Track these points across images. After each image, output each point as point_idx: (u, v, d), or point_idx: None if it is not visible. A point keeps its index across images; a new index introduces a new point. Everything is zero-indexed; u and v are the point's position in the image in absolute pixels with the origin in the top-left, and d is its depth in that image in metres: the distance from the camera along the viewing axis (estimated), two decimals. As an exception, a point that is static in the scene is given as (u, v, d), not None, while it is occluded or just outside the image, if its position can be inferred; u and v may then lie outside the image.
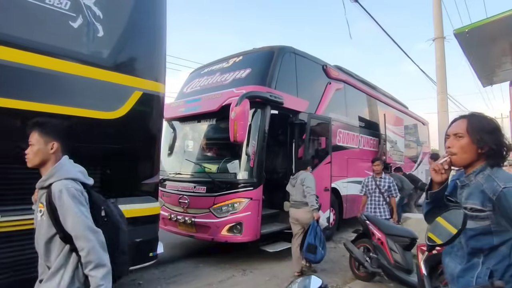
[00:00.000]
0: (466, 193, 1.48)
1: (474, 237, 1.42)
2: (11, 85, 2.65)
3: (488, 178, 1.41)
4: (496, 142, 1.43)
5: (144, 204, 3.51)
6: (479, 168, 1.45)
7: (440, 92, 11.01)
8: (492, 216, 1.37)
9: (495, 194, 1.35)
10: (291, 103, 5.65)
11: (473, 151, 1.44)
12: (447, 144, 1.51)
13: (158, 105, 3.68)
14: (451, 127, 1.53)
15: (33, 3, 2.72)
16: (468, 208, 1.43)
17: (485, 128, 1.45)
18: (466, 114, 1.54)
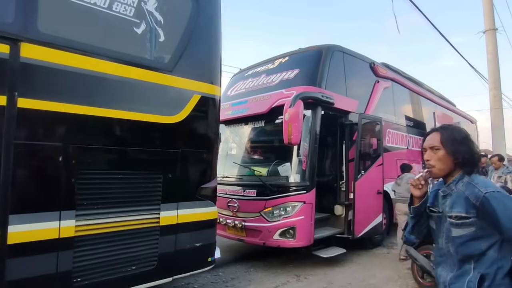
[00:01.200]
0: (450, 202, 1.52)
1: (463, 244, 1.45)
2: (84, 92, 2.70)
3: (469, 185, 1.47)
4: (468, 151, 1.51)
5: (204, 208, 3.49)
6: (458, 177, 1.52)
7: (493, 88, 10.32)
8: (477, 222, 1.41)
9: (478, 200, 1.40)
10: (341, 103, 5.47)
11: (450, 161, 1.51)
12: (425, 157, 1.57)
13: (215, 108, 3.65)
14: (426, 141, 1.60)
15: (103, 12, 2.77)
16: (453, 216, 1.48)
17: (457, 139, 1.52)
18: (437, 127, 1.63)
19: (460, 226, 1.45)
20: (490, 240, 1.41)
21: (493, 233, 1.40)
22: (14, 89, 2.29)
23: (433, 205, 1.63)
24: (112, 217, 2.79)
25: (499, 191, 1.41)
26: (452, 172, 1.53)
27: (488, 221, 1.39)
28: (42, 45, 2.44)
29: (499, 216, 1.35)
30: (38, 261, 2.45)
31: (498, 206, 1.36)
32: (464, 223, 1.44)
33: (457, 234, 1.46)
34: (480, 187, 1.43)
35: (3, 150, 2.26)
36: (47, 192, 2.51)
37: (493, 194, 1.39)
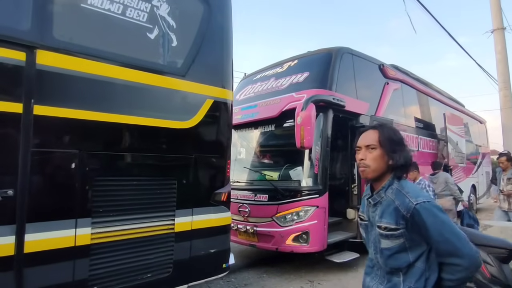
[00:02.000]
0: (379, 211, 1.45)
1: (391, 257, 1.40)
2: (99, 98, 2.69)
3: (398, 194, 1.40)
4: (403, 154, 1.44)
5: (218, 214, 3.45)
6: (387, 183, 1.45)
7: (503, 88, 10.20)
8: (406, 233, 1.36)
9: (408, 211, 1.34)
10: (352, 105, 5.41)
11: (384, 162, 1.44)
12: (359, 156, 1.48)
13: (227, 112, 3.63)
14: (361, 139, 1.50)
15: (116, 18, 2.76)
16: (382, 227, 1.41)
17: (394, 139, 1.45)
18: (376, 125, 1.54)
19: (389, 238, 1.39)
20: (418, 251, 1.37)
21: (420, 244, 1.36)
22: (30, 96, 2.28)
23: (363, 212, 1.58)
24: (127, 224, 2.76)
25: (429, 201, 1.35)
26: (383, 176, 1.46)
27: (418, 233, 1.34)
28: (57, 52, 2.43)
29: (428, 228, 1.31)
30: (55, 269, 2.42)
31: (428, 217, 1.31)
32: (393, 235, 1.38)
33: (386, 245, 1.40)
34: (410, 197, 1.36)
35: (20, 158, 2.24)
36: (63, 199, 2.49)
37: (424, 205, 1.33)
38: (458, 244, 1.29)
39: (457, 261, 1.29)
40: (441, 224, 1.31)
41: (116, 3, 2.74)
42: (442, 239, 1.30)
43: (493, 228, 4.92)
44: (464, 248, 1.29)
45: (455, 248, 1.29)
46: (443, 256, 1.33)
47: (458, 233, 1.31)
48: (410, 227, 1.35)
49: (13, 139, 2.25)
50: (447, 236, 1.30)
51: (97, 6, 2.64)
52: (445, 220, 1.32)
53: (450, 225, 1.32)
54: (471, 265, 1.30)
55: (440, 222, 1.31)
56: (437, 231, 1.30)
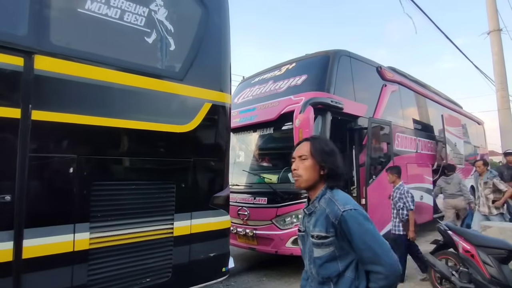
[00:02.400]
0: (313, 221, 1.47)
1: (322, 266, 1.42)
2: (97, 103, 2.68)
3: (330, 202, 1.43)
4: (334, 164, 1.49)
5: (217, 217, 3.44)
6: (321, 193, 1.49)
7: (500, 89, 10.22)
8: (335, 242, 1.39)
9: (336, 218, 1.37)
10: (351, 107, 5.43)
11: (316, 172, 1.48)
12: (293, 166, 1.54)
13: (226, 116, 3.63)
14: (296, 151, 1.57)
15: (114, 22, 2.77)
16: (315, 236, 1.43)
17: (325, 150, 1.50)
18: (309, 137, 1.61)
19: (320, 246, 1.41)
20: (347, 260, 1.39)
21: (349, 253, 1.39)
22: (28, 101, 2.28)
23: (301, 224, 1.61)
24: (126, 229, 2.75)
25: (356, 209, 1.37)
26: (317, 185, 1.50)
27: (346, 240, 1.37)
28: (55, 57, 2.43)
29: (353, 235, 1.33)
30: (53, 275, 2.41)
31: (353, 225, 1.34)
32: (323, 243, 1.40)
33: (318, 254, 1.43)
34: (339, 204, 1.39)
35: (18, 163, 2.23)
36: (61, 204, 2.48)
37: (350, 212, 1.36)
38: (379, 252, 1.32)
39: (378, 269, 1.32)
40: (365, 232, 1.34)
41: (113, 8, 2.75)
42: (365, 247, 1.32)
43: (492, 229, 4.92)
44: (384, 256, 1.32)
45: (376, 256, 1.32)
46: (366, 263, 1.35)
47: (381, 241, 1.34)
48: (339, 235, 1.37)
49: (11, 144, 2.24)
50: (370, 244, 1.32)
51: (94, 11, 2.65)
52: (369, 228, 1.35)
53: (373, 234, 1.35)
54: (391, 273, 1.31)
55: (364, 230, 1.34)
56: (360, 238, 1.33)
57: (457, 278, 3.73)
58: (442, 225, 4.14)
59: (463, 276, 3.69)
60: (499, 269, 3.43)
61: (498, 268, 3.44)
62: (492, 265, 3.46)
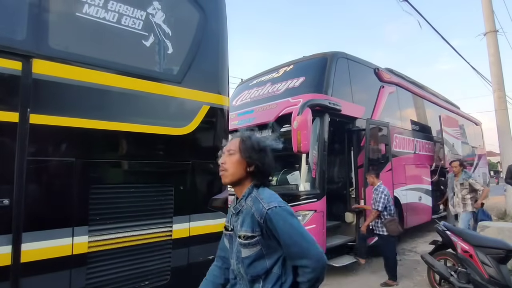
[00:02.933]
0: (240, 220, 1.46)
1: (250, 265, 1.41)
2: (95, 106, 2.69)
3: (255, 200, 1.42)
4: (262, 161, 1.47)
5: (216, 220, 3.42)
6: (247, 191, 1.48)
7: (497, 90, 10.28)
8: (262, 240, 1.38)
9: (262, 216, 1.36)
10: (348, 109, 5.46)
11: (243, 167, 1.48)
12: (220, 160, 1.54)
13: (224, 118, 3.63)
14: (226, 146, 1.56)
15: (112, 26, 2.77)
16: (241, 236, 1.42)
17: (254, 147, 1.49)
18: (240, 134, 1.58)
19: (247, 246, 1.40)
20: (274, 257, 1.40)
21: (276, 250, 1.39)
22: (26, 105, 2.28)
23: (228, 222, 1.58)
24: (125, 232, 2.74)
25: (280, 206, 1.37)
26: (243, 182, 1.49)
27: (272, 238, 1.37)
28: (53, 61, 2.43)
29: (279, 232, 1.33)
30: (52, 279, 2.40)
31: (278, 222, 1.34)
32: (250, 243, 1.39)
33: (245, 254, 1.41)
34: (264, 202, 1.38)
35: (16, 167, 2.23)
36: (60, 208, 2.47)
37: (275, 209, 1.35)
38: (305, 246, 1.32)
39: (305, 263, 1.32)
40: (290, 227, 1.34)
41: (111, 12, 2.75)
42: (291, 242, 1.33)
43: (491, 229, 4.95)
44: (311, 250, 1.32)
45: (302, 250, 1.32)
46: (294, 259, 1.36)
47: (306, 235, 1.35)
48: (265, 233, 1.37)
49: (9, 148, 2.24)
50: (295, 239, 1.33)
51: (92, 14, 2.65)
52: (293, 224, 1.35)
53: (298, 229, 1.35)
54: (318, 265, 1.32)
55: (289, 226, 1.34)
56: (286, 234, 1.33)
57: (456, 279, 3.74)
58: (441, 226, 4.16)
59: (462, 277, 3.70)
60: (497, 269, 3.44)
61: (496, 268, 3.45)
62: (491, 265, 3.48)
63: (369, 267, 5.58)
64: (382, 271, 5.36)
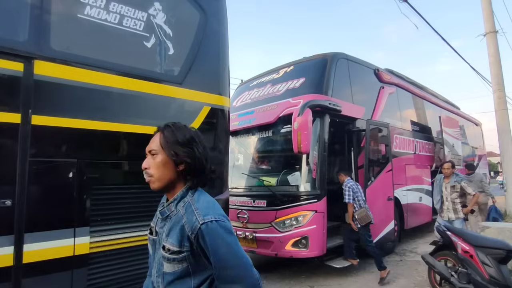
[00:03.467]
0: (167, 228, 1.23)
1: (172, 283, 1.20)
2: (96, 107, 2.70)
3: (189, 209, 1.19)
4: (192, 156, 1.23)
5: (217, 220, 3.44)
6: (180, 194, 1.25)
7: (497, 90, 10.26)
8: (190, 257, 1.17)
9: (193, 231, 1.14)
10: (348, 110, 5.46)
11: (172, 169, 1.23)
12: (143, 165, 1.27)
13: (225, 119, 3.64)
14: (148, 144, 1.29)
15: (113, 27, 2.78)
16: (166, 248, 1.19)
17: (178, 140, 1.24)
18: (160, 127, 1.32)
19: (171, 262, 1.19)
20: (202, 276, 1.21)
21: (206, 269, 1.20)
22: (28, 106, 2.29)
23: (154, 224, 1.35)
24: (126, 233, 2.76)
25: (217, 220, 1.15)
26: (176, 184, 1.26)
27: (203, 256, 1.17)
28: (55, 62, 2.44)
29: (211, 252, 1.13)
30: (53, 279, 2.41)
31: (213, 240, 1.13)
32: (175, 259, 1.18)
33: (168, 270, 1.20)
34: (198, 214, 1.16)
35: (18, 168, 2.24)
36: (61, 209, 2.48)
37: (211, 225, 1.14)
38: (241, 270, 1.16)
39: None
40: (226, 247, 1.14)
41: (112, 13, 2.77)
42: (225, 265, 1.14)
43: (491, 230, 4.96)
44: (246, 275, 1.16)
45: (237, 275, 1.15)
46: (225, 282, 1.16)
47: (243, 258, 1.16)
48: (196, 250, 1.17)
49: (11, 149, 2.25)
50: (231, 262, 1.14)
51: (94, 16, 2.66)
52: (231, 244, 1.15)
53: (235, 250, 1.16)
54: None
55: (225, 245, 1.14)
56: (221, 255, 1.13)
57: (456, 279, 3.75)
58: (441, 226, 4.16)
59: (462, 277, 3.70)
60: (498, 269, 3.45)
61: (497, 268, 3.45)
62: (491, 266, 3.48)
63: (370, 267, 5.58)
64: (382, 271, 5.38)
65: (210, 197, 1.27)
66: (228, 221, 1.19)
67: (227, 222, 1.18)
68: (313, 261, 5.31)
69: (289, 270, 5.54)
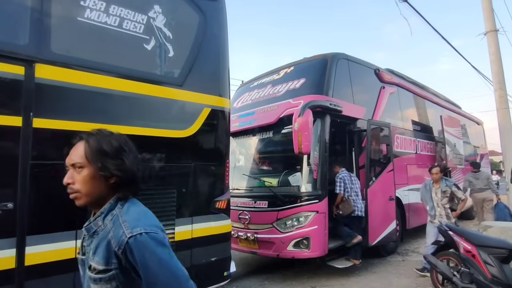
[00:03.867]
0: (94, 245, 1.11)
1: None
2: (97, 110, 2.71)
3: (116, 222, 1.07)
4: (122, 168, 1.11)
5: (218, 222, 3.46)
6: (107, 207, 1.12)
7: (498, 89, 10.23)
8: (120, 276, 1.06)
9: (120, 246, 1.03)
10: (349, 110, 5.46)
11: (101, 183, 1.11)
12: (65, 180, 1.14)
13: (225, 120, 3.66)
14: (69, 156, 1.15)
15: (113, 30, 2.80)
16: (92, 267, 1.08)
17: (106, 150, 1.11)
18: (83, 135, 1.17)
19: (97, 282, 1.06)
20: None
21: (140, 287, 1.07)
22: (29, 109, 2.31)
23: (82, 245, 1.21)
24: (127, 234, 2.76)
25: (148, 232, 1.04)
26: (105, 198, 1.13)
27: (135, 273, 1.05)
28: (55, 65, 2.46)
29: (140, 267, 1.01)
30: (56, 281, 2.42)
31: (142, 254, 1.01)
32: (102, 279, 1.05)
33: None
34: (126, 227, 1.04)
35: (20, 171, 2.25)
36: (63, 211, 2.48)
37: (140, 238, 1.02)
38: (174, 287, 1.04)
39: None
40: (157, 262, 1.03)
41: (112, 16, 2.78)
42: (156, 281, 1.02)
43: (493, 229, 4.94)
44: None
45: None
46: None
47: (177, 273, 1.05)
48: (125, 267, 1.05)
49: (12, 152, 2.26)
50: (162, 278, 1.02)
51: (94, 19, 2.68)
52: (163, 258, 1.04)
53: (168, 264, 1.04)
54: None
55: (156, 260, 1.02)
56: (151, 271, 1.02)
57: (459, 279, 3.74)
58: (443, 226, 4.15)
59: (465, 277, 3.69)
60: (500, 269, 3.44)
61: (499, 268, 3.44)
62: (493, 265, 3.47)
63: (372, 268, 5.57)
64: (384, 271, 5.37)
65: (142, 207, 1.16)
66: (161, 232, 1.08)
67: (160, 233, 1.06)
68: (315, 261, 5.30)
69: (291, 270, 5.53)
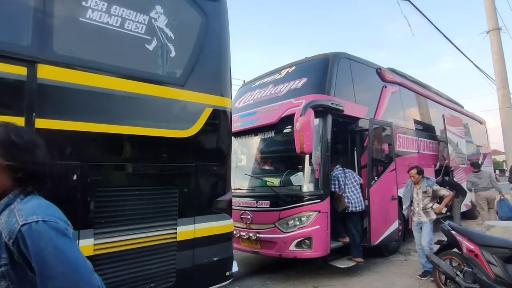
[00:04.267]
0: None
1: None
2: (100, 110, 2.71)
3: (11, 214, 0.98)
4: (33, 161, 1.06)
5: (220, 221, 3.45)
6: (5, 201, 1.02)
7: (501, 88, 10.21)
8: (11, 273, 0.95)
9: (11, 236, 0.93)
10: (351, 109, 5.45)
11: (6, 176, 1.03)
12: None
13: (227, 120, 3.65)
14: None
15: (115, 30, 2.80)
16: None
17: (17, 142, 1.05)
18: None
19: None
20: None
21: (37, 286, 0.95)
22: (31, 110, 2.31)
23: None
24: (130, 234, 2.77)
25: (45, 221, 0.94)
26: (7, 191, 1.05)
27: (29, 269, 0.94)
28: (58, 66, 2.47)
29: (33, 258, 0.91)
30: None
31: (36, 243, 0.91)
32: None
33: None
34: (20, 215, 0.95)
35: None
36: (65, 211, 2.49)
37: (34, 226, 0.92)
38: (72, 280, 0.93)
39: None
40: (53, 251, 0.92)
41: (114, 16, 2.79)
42: (50, 273, 0.91)
43: (496, 228, 4.92)
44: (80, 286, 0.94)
45: (66, 286, 0.92)
46: None
47: (77, 263, 0.96)
48: (18, 261, 0.95)
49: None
50: (58, 269, 0.91)
51: (96, 19, 2.68)
52: (62, 248, 0.94)
53: (65, 253, 0.94)
54: None
55: (51, 249, 0.92)
56: (45, 261, 0.91)
57: (462, 278, 3.72)
58: (446, 225, 4.14)
59: (468, 276, 3.68)
60: (503, 269, 3.42)
61: (502, 268, 3.43)
62: (497, 265, 3.45)
63: (374, 267, 5.57)
64: (386, 271, 5.36)
65: (45, 201, 1.08)
66: (63, 223, 0.99)
67: (60, 223, 0.98)
68: (317, 261, 5.30)
69: (293, 270, 5.53)
